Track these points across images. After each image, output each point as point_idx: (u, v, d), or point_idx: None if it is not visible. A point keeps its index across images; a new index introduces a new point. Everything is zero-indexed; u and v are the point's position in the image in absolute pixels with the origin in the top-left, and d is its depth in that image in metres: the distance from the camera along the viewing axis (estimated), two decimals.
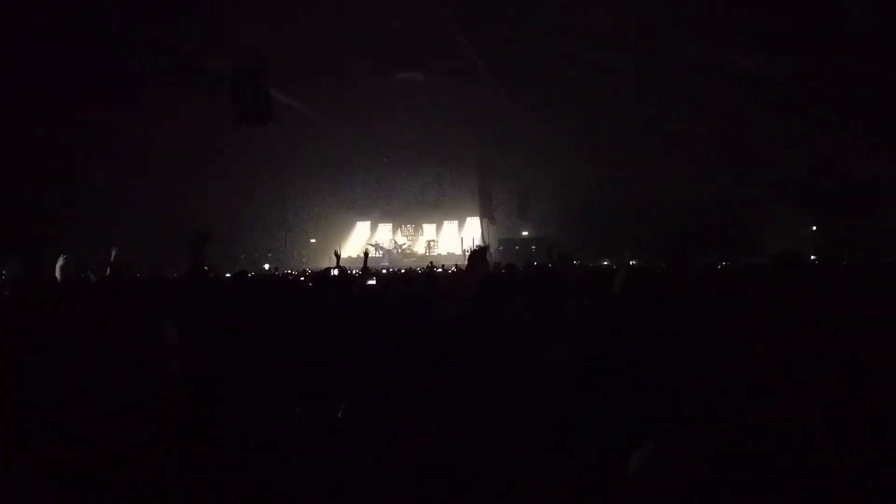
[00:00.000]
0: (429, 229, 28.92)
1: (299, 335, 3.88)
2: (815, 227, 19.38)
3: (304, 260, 25.56)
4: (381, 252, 26.30)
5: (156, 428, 2.44)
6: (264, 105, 18.43)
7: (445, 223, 28.60)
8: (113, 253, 6.13)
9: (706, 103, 17.04)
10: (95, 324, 3.28)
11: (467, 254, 3.55)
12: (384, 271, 13.67)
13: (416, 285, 5.53)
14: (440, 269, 12.02)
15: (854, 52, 13.09)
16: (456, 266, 13.97)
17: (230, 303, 4.83)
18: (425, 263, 16.93)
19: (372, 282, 6.02)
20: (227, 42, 16.11)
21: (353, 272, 8.39)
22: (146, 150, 18.67)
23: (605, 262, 14.73)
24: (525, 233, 24.79)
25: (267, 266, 21.27)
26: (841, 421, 2.56)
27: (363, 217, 29.22)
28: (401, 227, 29.14)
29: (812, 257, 11.65)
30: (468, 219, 27.70)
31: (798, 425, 2.52)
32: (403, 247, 27.96)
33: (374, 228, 29.37)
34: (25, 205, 15.84)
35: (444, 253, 26.97)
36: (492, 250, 23.76)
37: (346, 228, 29.03)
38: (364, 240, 28.44)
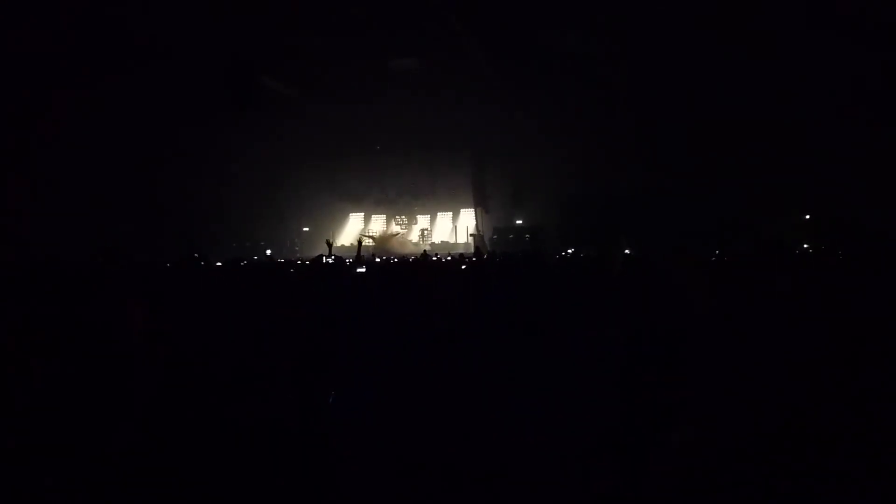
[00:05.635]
0: (422, 219, 28.78)
1: (292, 323, 3.86)
2: (808, 216, 19.38)
3: (296, 248, 25.44)
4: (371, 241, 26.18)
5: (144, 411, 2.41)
6: (257, 92, 18.27)
7: (439, 214, 28.47)
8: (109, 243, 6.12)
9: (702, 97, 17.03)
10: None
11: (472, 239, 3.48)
12: (377, 260, 13.61)
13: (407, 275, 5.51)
14: (435, 258, 11.98)
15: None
16: (450, 255, 13.92)
17: (222, 290, 4.80)
18: (419, 252, 16.89)
19: (362, 269, 6.03)
20: (221, 29, 15.93)
21: (348, 261, 8.41)
22: (140, 139, 18.46)
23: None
24: (519, 221, 24.74)
25: (269, 252, 21.29)
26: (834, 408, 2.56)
27: (356, 207, 29.05)
28: (394, 216, 28.99)
29: (804, 245, 11.69)
30: (462, 210, 27.61)
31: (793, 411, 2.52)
32: (397, 236, 27.84)
33: (367, 218, 29.21)
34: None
35: (437, 242, 26.92)
36: (486, 239, 23.75)
37: (340, 217, 28.88)
38: (357, 229, 28.32)
